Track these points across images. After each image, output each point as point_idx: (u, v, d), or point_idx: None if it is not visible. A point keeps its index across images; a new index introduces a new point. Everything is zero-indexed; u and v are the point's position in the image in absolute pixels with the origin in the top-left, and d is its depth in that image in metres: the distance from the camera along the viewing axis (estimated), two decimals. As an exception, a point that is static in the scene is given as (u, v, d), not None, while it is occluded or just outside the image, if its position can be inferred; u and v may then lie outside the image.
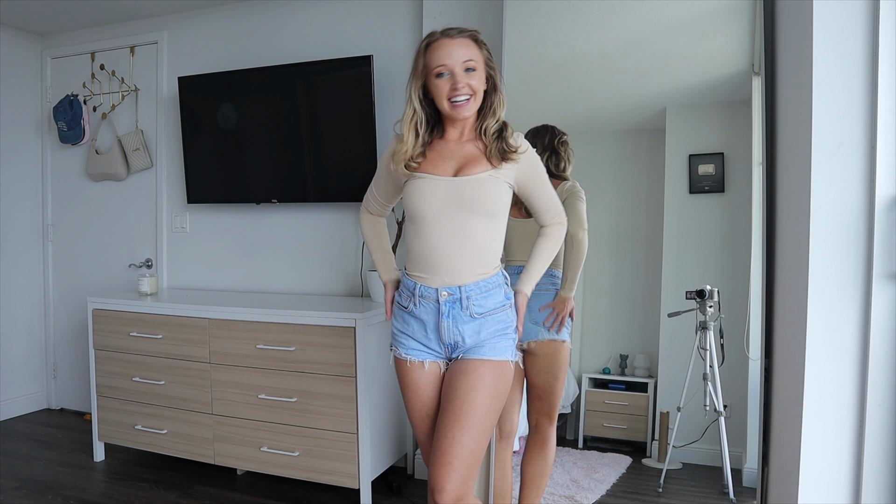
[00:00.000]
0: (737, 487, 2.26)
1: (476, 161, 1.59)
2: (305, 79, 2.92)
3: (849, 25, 1.39)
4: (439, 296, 1.58)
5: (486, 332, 1.60)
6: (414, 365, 1.64)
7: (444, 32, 1.59)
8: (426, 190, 1.57)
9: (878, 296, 1.37)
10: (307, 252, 3.11)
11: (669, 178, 2.43)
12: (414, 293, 1.62)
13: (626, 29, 2.37)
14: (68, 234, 3.76)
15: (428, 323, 1.61)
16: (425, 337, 1.62)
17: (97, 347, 2.94)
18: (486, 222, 1.58)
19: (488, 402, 1.55)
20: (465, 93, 1.55)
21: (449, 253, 1.57)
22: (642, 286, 2.56)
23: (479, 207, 1.56)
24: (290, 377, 2.52)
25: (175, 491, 2.68)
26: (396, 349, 1.67)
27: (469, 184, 1.56)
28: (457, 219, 1.56)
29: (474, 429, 1.52)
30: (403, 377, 1.66)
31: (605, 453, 2.58)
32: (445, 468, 1.49)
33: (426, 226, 1.58)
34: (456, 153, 1.62)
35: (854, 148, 1.39)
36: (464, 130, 1.64)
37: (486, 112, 1.62)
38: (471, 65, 1.56)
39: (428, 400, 1.64)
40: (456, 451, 1.49)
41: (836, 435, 1.42)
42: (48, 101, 3.73)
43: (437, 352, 1.63)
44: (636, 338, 2.60)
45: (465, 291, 1.58)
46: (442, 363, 1.65)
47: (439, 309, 1.59)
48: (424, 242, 1.59)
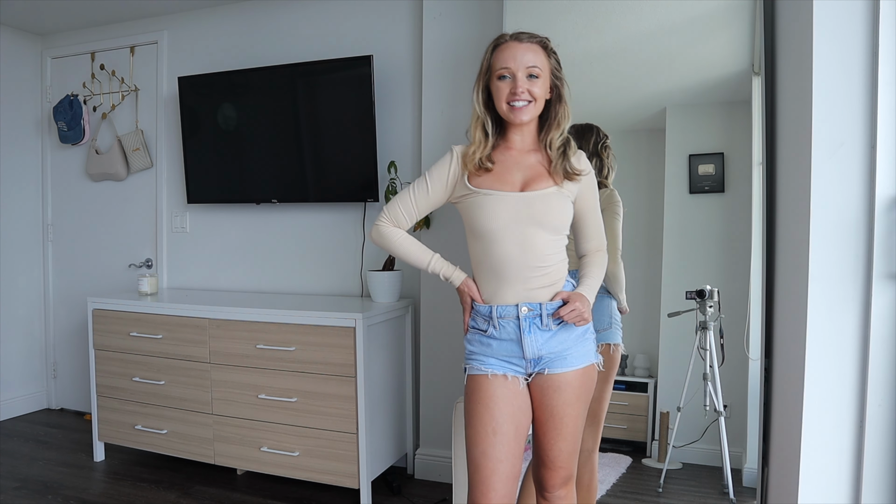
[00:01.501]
0: (737, 487, 2.26)
1: (541, 175, 1.58)
2: (305, 79, 2.92)
3: (849, 25, 1.39)
4: (519, 312, 1.55)
5: (569, 339, 1.58)
6: (495, 378, 1.57)
7: (513, 36, 1.58)
8: (496, 206, 1.55)
9: (878, 296, 1.37)
10: (307, 252, 3.11)
11: (669, 178, 2.42)
12: (491, 316, 1.57)
13: (626, 29, 2.37)
14: (68, 234, 3.76)
15: (510, 341, 1.57)
16: (507, 354, 1.58)
17: (97, 347, 2.94)
18: (551, 236, 1.57)
19: (581, 409, 1.62)
20: (525, 98, 1.54)
21: (520, 266, 1.55)
22: (642, 286, 2.55)
23: (548, 222, 1.55)
24: (290, 377, 2.51)
25: (175, 491, 2.68)
26: (472, 365, 1.60)
27: (538, 199, 1.55)
28: (526, 233, 1.54)
29: (572, 435, 1.61)
30: (477, 391, 1.57)
31: (605, 453, 2.58)
32: (557, 471, 1.61)
33: (495, 241, 1.55)
34: (520, 164, 1.60)
35: (854, 148, 1.39)
36: (526, 138, 1.62)
37: (550, 123, 1.61)
38: (535, 71, 1.54)
39: (498, 414, 1.54)
40: (563, 457, 1.61)
41: (836, 435, 1.42)
42: (48, 101, 3.73)
43: (518, 367, 1.58)
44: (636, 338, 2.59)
45: (546, 309, 1.56)
46: (522, 378, 1.59)
47: (520, 325, 1.56)
48: (495, 258, 1.56)
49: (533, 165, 1.60)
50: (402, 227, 1.70)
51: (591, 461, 2.06)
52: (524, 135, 1.62)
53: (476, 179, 1.59)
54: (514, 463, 1.54)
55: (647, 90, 2.46)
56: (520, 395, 1.58)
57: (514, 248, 1.54)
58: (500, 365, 1.58)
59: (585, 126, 2.23)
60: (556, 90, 1.60)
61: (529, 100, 1.55)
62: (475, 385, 1.58)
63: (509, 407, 1.55)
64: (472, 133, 1.62)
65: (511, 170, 1.59)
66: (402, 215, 1.68)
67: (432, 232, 2.71)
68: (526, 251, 1.54)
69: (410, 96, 2.86)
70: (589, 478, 2.06)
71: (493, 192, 1.56)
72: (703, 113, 2.43)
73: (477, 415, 1.55)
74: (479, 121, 1.61)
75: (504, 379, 1.57)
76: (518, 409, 1.57)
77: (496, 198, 1.55)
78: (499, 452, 1.52)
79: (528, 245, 1.54)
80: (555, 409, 1.57)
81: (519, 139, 1.62)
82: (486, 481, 1.52)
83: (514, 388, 1.57)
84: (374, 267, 2.86)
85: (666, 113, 2.43)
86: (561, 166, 1.57)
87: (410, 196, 1.67)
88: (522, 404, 1.58)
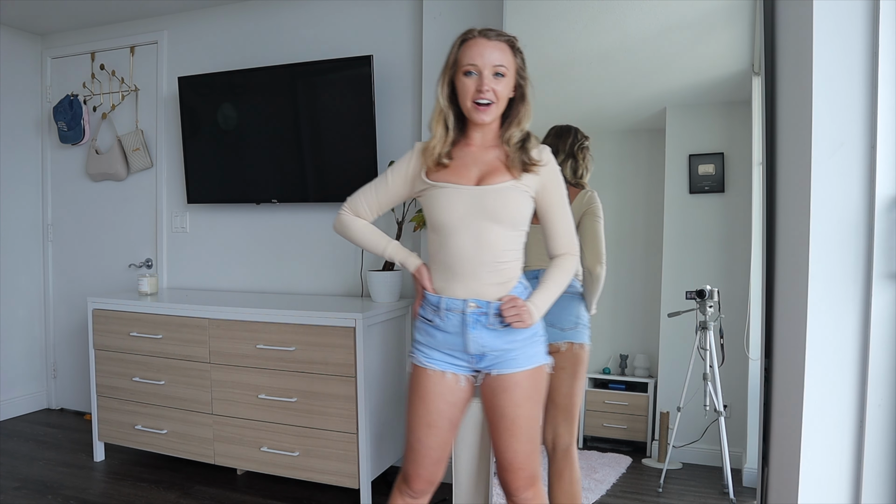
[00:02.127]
0: (737, 487, 2.26)
1: (498, 170, 1.58)
2: (305, 79, 2.92)
3: (849, 25, 1.39)
4: (466, 307, 1.58)
5: (516, 341, 1.60)
6: (434, 374, 1.62)
7: (481, 32, 1.57)
8: (451, 199, 1.56)
9: (878, 296, 1.37)
10: (307, 252, 3.11)
11: (669, 178, 2.42)
12: (439, 307, 1.60)
13: (626, 29, 2.37)
14: (68, 234, 3.76)
15: (454, 335, 1.60)
16: (450, 348, 1.61)
17: (97, 347, 2.94)
18: (508, 232, 1.58)
19: (533, 410, 1.64)
20: (489, 97, 1.54)
21: (472, 261, 1.56)
22: (642, 286, 2.55)
23: (503, 217, 1.55)
24: (290, 377, 2.52)
25: (175, 491, 2.68)
26: (416, 357, 1.65)
27: (492, 193, 1.55)
28: (480, 227, 1.55)
29: (527, 436, 1.63)
30: (417, 384, 1.64)
31: (605, 453, 2.58)
32: (517, 472, 1.64)
33: (450, 235, 1.57)
34: (478, 159, 1.61)
35: (854, 148, 1.39)
36: (486, 136, 1.63)
37: (510, 121, 1.61)
38: (501, 70, 1.55)
39: (434, 410, 1.62)
40: (520, 458, 1.63)
41: (836, 435, 1.42)
42: (48, 101, 3.73)
43: (462, 364, 1.62)
44: (636, 338, 2.59)
45: (493, 308, 1.57)
46: (464, 376, 1.64)
47: (465, 320, 1.58)
48: (448, 251, 1.58)
49: (490, 161, 1.61)
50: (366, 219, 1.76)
51: (569, 456, 2.05)
52: (485, 132, 1.62)
53: (433, 174, 1.61)
54: (445, 448, 1.67)
55: (647, 90, 2.46)
56: (456, 392, 1.64)
57: (469, 241, 1.56)
58: (442, 360, 1.62)
59: (564, 127, 2.24)
60: (519, 89, 1.61)
61: (493, 100, 1.55)
62: (417, 377, 1.65)
63: (444, 404, 1.63)
64: (434, 127, 1.62)
65: (468, 165, 1.60)
66: (364, 207, 1.74)
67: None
68: (480, 246, 1.56)
69: (410, 96, 2.86)
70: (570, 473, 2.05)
71: (448, 185, 1.58)
72: (703, 113, 2.43)
73: (415, 407, 1.65)
74: (442, 115, 1.61)
75: (443, 376, 1.62)
76: (453, 405, 1.64)
77: (451, 191, 1.57)
78: (431, 441, 1.64)
79: (482, 239, 1.55)
80: (505, 409, 1.60)
81: (479, 136, 1.63)
82: (419, 460, 1.66)
83: (451, 385, 1.63)
84: (374, 267, 2.86)
85: (666, 113, 2.43)
86: (518, 159, 1.58)
87: (372, 189, 1.73)
88: (458, 401, 1.65)
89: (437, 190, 1.59)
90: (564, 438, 2.04)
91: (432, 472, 1.67)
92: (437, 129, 1.61)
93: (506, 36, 1.58)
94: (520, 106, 1.61)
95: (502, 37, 1.57)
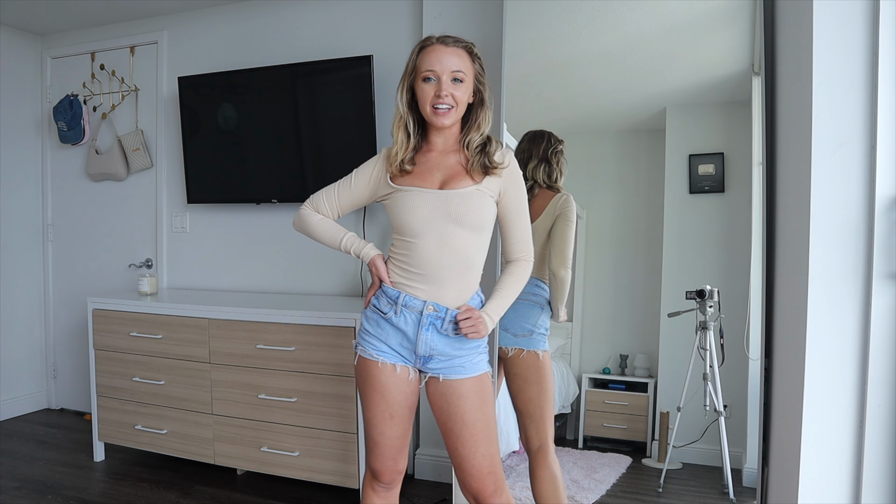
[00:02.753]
0: (737, 487, 2.26)
1: (460, 174, 1.61)
2: (305, 79, 2.92)
3: (849, 25, 1.39)
4: (424, 308, 1.60)
5: (462, 349, 1.63)
6: (385, 366, 1.63)
7: (439, 39, 1.61)
8: (414, 202, 1.59)
9: (878, 296, 1.37)
10: (307, 252, 3.11)
11: (669, 178, 2.43)
12: (397, 301, 1.62)
13: (626, 29, 2.37)
14: (68, 234, 3.76)
15: (406, 333, 1.62)
16: (399, 345, 1.63)
17: (97, 347, 2.94)
18: (472, 235, 1.60)
19: (489, 412, 1.66)
20: (448, 102, 1.57)
21: (436, 264, 1.59)
22: (642, 286, 2.56)
23: (466, 221, 1.58)
24: (290, 377, 2.52)
25: (175, 491, 2.68)
26: (365, 349, 1.66)
27: (455, 197, 1.58)
28: (445, 231, 1.58)
29: (488, 438, 1.65)
30: (369, 377, 1.65)
31: (605, 453, 2.58)
32: (487, 478, 1.64)
33: (415, 237, 1.59)
34: (441, 165, 1.64)
35: (854, 148, 1.39)
36: (448, 140, 1.65)
37: (470, 125, 1.64)
38: (459, 76, 1.58)
39: (394, 402, 1.64)
40: (487, 462, 1.64)
41: (836, 435, 1.43)
42: (48, 101, 3.73)
43: (408, 359, 1.65)
44: (636, 338, 2.60)
45: (450, 315, 1.60)
46: (412, 369, 1.66)
47: (420, 321, 1.60)
48: (413, 253, 1.60)
49: (452, 165, 1.63)
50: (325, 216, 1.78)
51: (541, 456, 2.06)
52: (446, 137, 1.65)
53: (397, 179, 1.64)
54: (406, 436, 1.70)
55: (647, 90, 2.46)
56: (409, 383, 1.66)
57: (433, 244, 1.58)
58: (391, 353, 1.64)
59: (537, 132, 2.25)
60: (479, 94, 1.64)
61: (452, 105, 1.57)
62: (367, 370, 1.65)
63: (402, 395, 1.65)
64: (395, 133, 1.65)
65: (431, 170, 1.63)
66: (324, 205, 1.77)
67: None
68: (444, 249, 1.58)
69: (410, 96, 2.85)
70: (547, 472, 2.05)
71: (412, 188, 1.61)
72: (703, 113, 2.43)
73: (373, 401, 1.65)
74: (402, 121, 1.64)
75: (394, 369, 1.64)
76: (408, 395, 1.67)
77: (415, 194, 1.60)
78: (395, 431, 1.66)
79: (446, 243, 1.58)
80: (465, 415, 1.62)
81: (441, 141, 1.65)
82: (384, 452, 1.67)
83: (403, 376, 1.65)
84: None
85: (666, 113, 2.43)
86: (479, 163, 1.60)
87: (334, 190, 1.77)
88: (411, 391, 1.67)
89: (401, 193, 1.62)
90: (534, 441, 2.06)
91: (398, 461, 1.70)
92: (399, 135, 1.64)
93: (463, 42, 1.62)
94: (479, 111, 1.64)
95: (460, 43, 1.61)
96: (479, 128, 1.63)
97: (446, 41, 1.60)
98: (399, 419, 1.66)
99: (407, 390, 1.66)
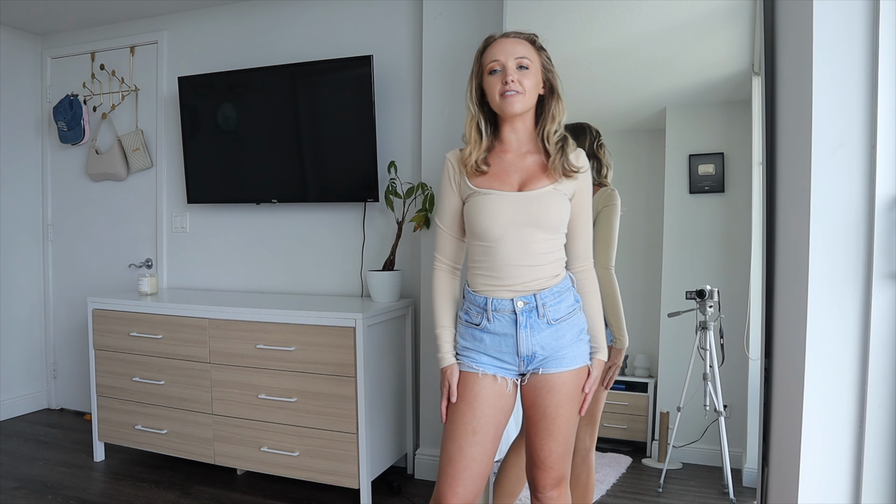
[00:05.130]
0: (737, 487, 2.26)
1: (538, 175, 1.58)
2: (305, 79, 2.92)
3: (849, 25, 1.39)
4: (515, 306, 1.55)
5: (565, 338, 1.58)
6: (485, 377, 1.57)
7: (502, 34, 1.62)
8: (494, 206, 1.55)
9: (878, 296, 1.37)
10: (307, 252, 3.11)
11: (669, 178, 2.43)
12: (486, 308, 1.57)
13: (626, 29, 2.37)
14: (68, 234, 3.76)
15: (504, 336, 1.57)
16: (499, 351, 1.58)
17: (97, 347, 2.94)
18: (550, 237, 1.58)
19: (573, 411, 1.61)
20: (515, 88, 1.54)
21: (519, 266, 1.55)
22: (642, 286, 2.55)
23: (546, 223, 1.55)
24: (290, 377, 2.52)
25: (175, 491, 2.68)
26: (463, 362, 1.60)
27: (535, 199, 1.55)
28: (525, 234, 1.55)
29: (564, 436, 1.60)
30: (464, 388, 1.59)
31: (605, 453, 2.58)
32: (548, 471, 1.60)
33: (495, 242, 1.56)
34: (518, 166, 1.61)
35: (854, 148, 1.39)
36: (522, 137, 1.62)
37: (545, 117, 1.61)
38: (524, 62, 1.56)
39: (481, 415, 1.56)
40: (554, 458, 1.59)
41: (836, 435, 1.42)
42: (48, 101, 3.73)
43: (511, 366, 1.59)
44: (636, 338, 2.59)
45: (541, 298, 1.56)
46: (512, 381, 1.60)
47: (517, 320, 1.56)
48: (494, 259, 1.57)
49: (529, 166, 1.60)
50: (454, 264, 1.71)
51: (588, 460, 2.07)
52: (518, 133, 1.62)
53: (475, 180, 1.61)
54: (487, 462, 1.57)
55: (647, 90, 2.46)
56: (504, 397, 1.59)
57: (514, 248, 1.55)
58: (491, 364, 1.58)
59: (577, 127, 2.22)
60: (548, 84, 1.62)
61: (520, 90, 1.55)
62: (465, 383, 1.59)
63: (492, 409, 1.57)
64: (468, 133, 1.63)
65: (508, 171, 1.60)
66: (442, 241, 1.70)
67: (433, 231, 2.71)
68: (524, 251, 1.55)
69: (410, 96, 2.85)
70: (586, 477, 2.07)
71: (491, 191, 1.57)
72: (703, 113, 2.43)
73: (459, 411, 1.57)
74: (474, 119, 1.62)
75: (493, 380, 1.58)
76: (500, 410, 1.59)
77: (494, 197, 1.56)
78: (475, 451, 1.55)
79: (526, 246, 1.55)
80: (547, 409, 1.57)
81: (514, 138, 1.63)
82: (457, 476, 1.54)
83: (501, 389, 1.58)
84: (374, 267, 2.86)
85: (666, 113, 2.43)
86: (559, 162, 1.58)
87: (439, 225, 1.69)
88: (505, 406, 1.60)
89: (481, 196, 1.58)
90: (586, 443, 2.04)
91: (471, 490, 1.55)
92: (472, 135, 1.61)
93: (525, 33, 1.61)
94: (551, 100, 1.61)
95: (522, 34, 1.61)
96: (555, 118, 1.60)
97: (508, 35, 1.60)
98: (482, 436, 1.55)
99: (499, 404, 1.58)
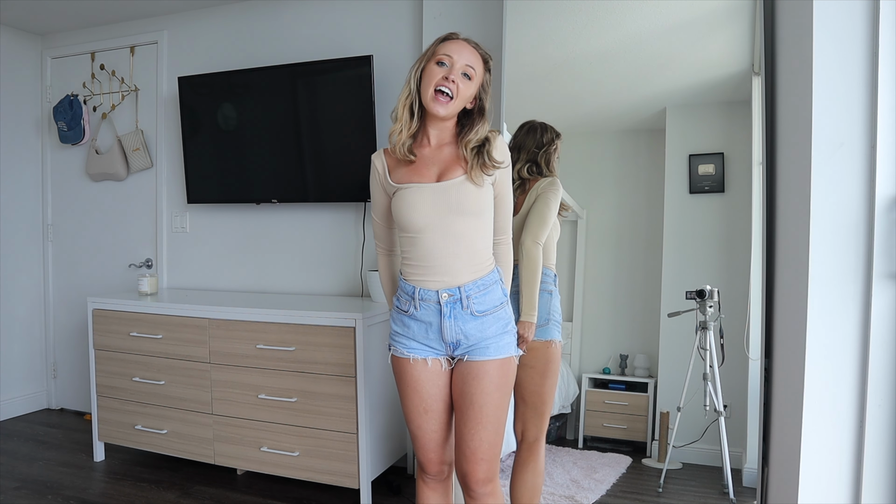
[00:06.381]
0: (737, 487, 2.26)
1: (455, 165, 1.64)
2: (305, 79, 2.92)
3: (849, 25, 1.39)
4: (440, 297, 1.63)
5: (489, 330, 1.65)
6: (416, 362, 1.68)
7: (464, 37, 1.66)
8: (415, 198, 1.62)
9: (878, 296, 1.37)
10: (307, 252, 3.11)
11: (669, 178, 2.43)
12: (414, 297, 1.65)
13: (626, 29, 2.37)
14: (68, 234, 3.76)
15: (430, 324, 1.65)
16: (426, 337, 1.67)
17: (97, 347, 2.94)
18: (474, 221, 1.64)
19: (501, 399, 1.66)
20: (451, 89, 1.60)
21: (444, 254, 1.62)
22: (642, 286, 2.56)
23: (466, 208, 1.61)
24: (290, 377, 2.52)
25: (175, 491, 2.68)
26: (395, 349, 1.71)
27: (453, 188, 1.61)
28: (447, 221, 1.61)
29: (493, 425, 1.65)
30: (403, 374, 1.70)
31: (605, 453, 2.58)
32: (479, 463, 1.65)
33: (420, 233, 1.63)
34: (436, 158, 1.67)
35: (854, 148, 1.39)
36: (442, 134, 1.68)
37: (468, 129, 1.67)
38: (469, 71, 1.63)
39: (427, 396, 1.68)
40: (484, 448, 1.64)
41: (836, 435, 1.42)
42: (48, 101, 3.73)
43: (438, 349, 1.67)
44: (636, 338, 2.60)
45: (465, 291, 1.62)
46: (443, 359, 1.69)
47: (441, 310, 1.63)
48: (420, 248, 1.64)
49: (446, 157, 1.66)
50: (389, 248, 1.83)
51: (534, 450, 2.05)
52: (440, 130, 1.68)
53: (396, 175, 1.67)
54: (446, 429, 1.73)
55: (647, 90, 2.46)
56: (442, 375, 1.70)
57: (438, 237, 1.62)
58: (420, 348, 1.67)
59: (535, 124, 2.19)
60: (479, 102, 1.68)
61: (454, 94, 1.60)
62: (400, 368, 1.71)
63: (435, 388, 1.69)
64: (399, 110, 1.66)
65: (427, 164, 1.66)
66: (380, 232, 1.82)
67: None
68: (448, 239, 1.61)
69: (410, 96, 2.85)
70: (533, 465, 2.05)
71: (411, 185, 1.64)
72: (703, 113, 2.43)
73: (407, 397, 1.71)
74: (409, 98, 1.66)
75: (425, 363, 1.67)
76: (442, 388, 1.70)
77: (414, 189, 1.63)
78: (431, 425, 1.70)
79: (450, 233, 1.61)
80: (474, 396, 1.63)
81: (436, 134, 1.68)
82: (426, 446, 1.73)
83: (436, 369, 1.68)
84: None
85: (666, 113, 2.44)
86: (478, 163, 1.62)
87: (375, 219, 1.81)
88: (444, 382, 1.70)
89: (402, 191, 1.65)
90: (531, 432, 2.05)
91: (441, 454, 1.74)
92: (404, 114, 1.65)
93: (483, 50, 1.68)
94: (477, 120, 1.67)
95: (480, 49, 1.67)
96: (477, 134, 1.65)
97: (469, 40, 1.65)
98: (434, 413, 1.69)
99: (440, 383, 1.69)
